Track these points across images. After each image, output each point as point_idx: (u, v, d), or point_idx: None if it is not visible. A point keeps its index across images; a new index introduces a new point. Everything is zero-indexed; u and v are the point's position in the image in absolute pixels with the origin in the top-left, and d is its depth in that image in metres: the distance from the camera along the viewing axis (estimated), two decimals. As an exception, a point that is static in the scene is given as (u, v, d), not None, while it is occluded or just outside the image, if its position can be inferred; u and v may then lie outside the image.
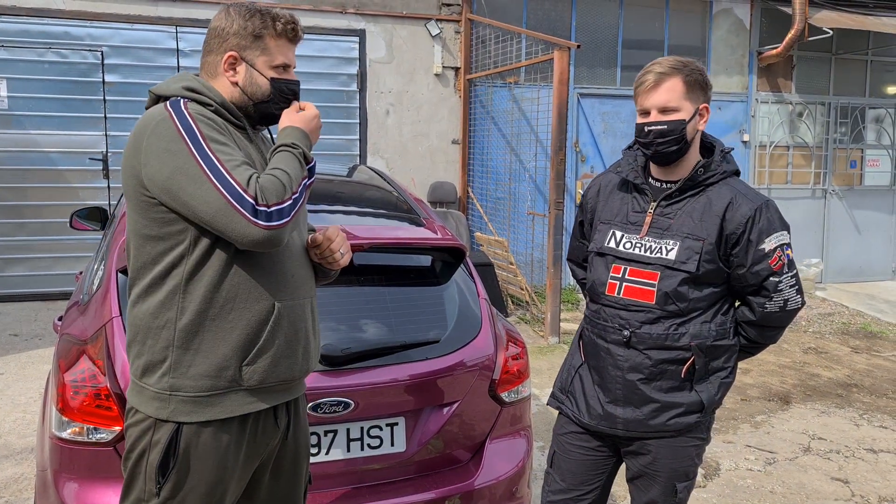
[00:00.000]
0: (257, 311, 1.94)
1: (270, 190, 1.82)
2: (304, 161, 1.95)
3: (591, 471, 2.50)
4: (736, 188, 2.33)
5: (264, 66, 2.02)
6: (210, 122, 1.90)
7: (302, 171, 1.93)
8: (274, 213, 1.81)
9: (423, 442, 2.71)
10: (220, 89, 2.03)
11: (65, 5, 7.45)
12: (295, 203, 1.87)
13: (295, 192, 1.88)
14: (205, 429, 1.92)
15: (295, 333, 2.02)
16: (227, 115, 2.01)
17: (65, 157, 7.69)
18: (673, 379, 2.33)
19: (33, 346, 6.27)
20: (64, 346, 2.69)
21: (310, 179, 1.98)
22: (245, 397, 1.96)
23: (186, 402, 1.91)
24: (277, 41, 2.02)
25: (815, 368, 6.58)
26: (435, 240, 3.04)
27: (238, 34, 1.99)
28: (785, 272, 2.30)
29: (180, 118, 1.86)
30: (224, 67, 2.01)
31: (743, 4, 9.77)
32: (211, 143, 1.83)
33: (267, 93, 2.03)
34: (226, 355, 1.92)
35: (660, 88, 2.26)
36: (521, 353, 3.00)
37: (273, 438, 2.08)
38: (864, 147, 10.62)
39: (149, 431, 1.92)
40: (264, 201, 1.80)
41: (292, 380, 2.05)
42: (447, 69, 8.73)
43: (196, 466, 1.92)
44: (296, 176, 1.90)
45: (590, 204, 2.57)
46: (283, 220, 1.83)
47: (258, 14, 2.00)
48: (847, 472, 4.40)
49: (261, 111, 2.05)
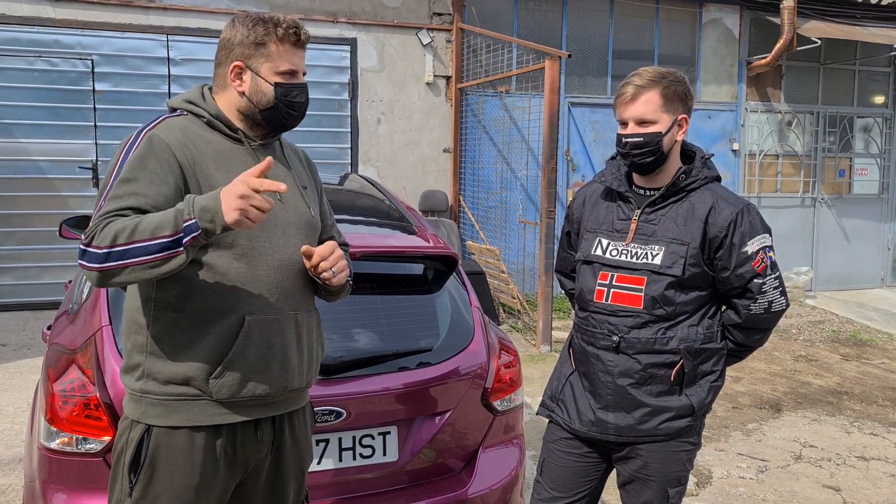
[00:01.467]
0: (227, 324, 1.92)
1: (107, 232, 1.76)
2: (177, 224, 1.73)
3: (580, 477, 2.49)
4: (717, 193, 2.37)
5: (269, 73, 2.01)
6: (148, 159, 1.87)
7: (166, 230, 1.73)
8: (92, 253, 1.76)
9: (416, 451, 2.70)
10: (228, 100, 2.03)
11: (55, 14, 7.43)
12: (107, 257, 1.73)
13: (123, 243, 1.73)
14: (175, 432, 1.92)
15: (269, 348, 1.98)
16: (220, 127, 2.01)
17: (54, 165, 7.66)
18: (663, 383, 2.35)
19: (21, 355, 6.22)
20: (53, 356, 2.67)
21: (170, 251, 1.73)
22: (215, 408, 1.94)
23: (155, 405, 1.92)
24: (281, 46, 2.00)
25: (806, 376, 6.59)
26: (427, 248, 3.03)
27: (242, 43, 2.00)
28: (768, 274, 2.34)
29: (132, 143, 1.91)
30: (231, 78, 2.02)
31: (732, 14, 9.84)
32: (119, 180, 1.85)
33: (271, 99, 2.01)
34: (193, 365, 1.90)
35: (637, 101, 2.30)
36: (513, 362, 3.00)
37: (257, 452, 2.04)
38: (853, 156, 10.70)
39: (126, 431, 1.95)
40: (89, 239, 1.77)
41: (266, 396, 1.99)
42: (438, 78, 8.75)
43: (166, 468, 1.91)
44: (145, 230, 1.73)
45: (576, 214, 2.60)
46: (93, 263, 1.76)
47: (261, 22, 2.00)
48: (838, 480, 4.41)
49: (267, 118, 2.04)
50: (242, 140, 2.03)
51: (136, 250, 1.74)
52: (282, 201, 2.03)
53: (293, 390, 2.06)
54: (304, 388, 2.13)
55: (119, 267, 1.75)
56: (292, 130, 2.17)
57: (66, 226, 4.47)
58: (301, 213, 2.09)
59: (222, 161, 1.98)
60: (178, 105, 2.05)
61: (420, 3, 8.60)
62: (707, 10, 9.71)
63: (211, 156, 1.96)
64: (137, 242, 1.73)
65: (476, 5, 8.74)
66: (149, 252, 1.74)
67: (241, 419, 1.97)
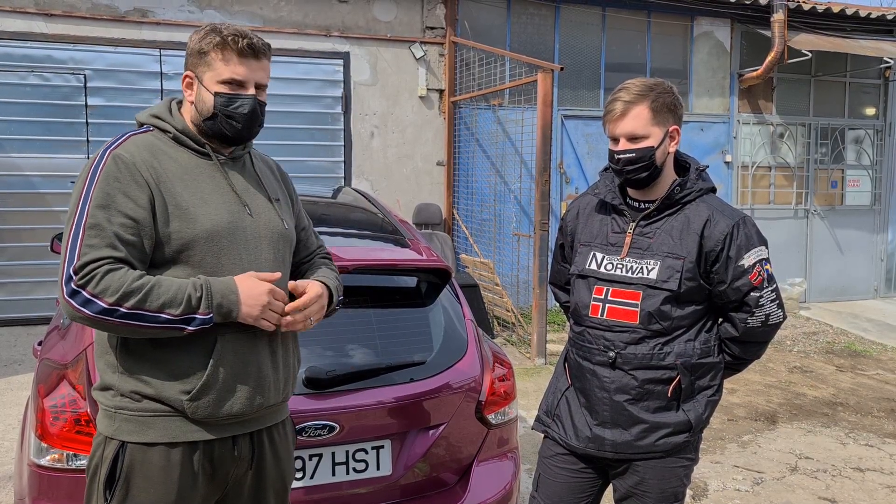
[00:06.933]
0: (199, 346, 1.89)
1: (108, 284, 1.75)
2: (190, 308, 1.81)
3: (576, 493, 2.47)
4: (713, 205, 2.35)
5: (210, 82, 1.96)
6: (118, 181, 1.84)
7: (175, 309, 1.79)
8: (88, 299, 1.75)
9: (410, 465, 2.68)
10: (188, 113, 2.01)
11: (48, 29, 7.43)
12: (112, 313, 1.75)
13: (128, 307, 1.75)
14: (151, 449, 1.89)
15: (244, 367, 1.95)
16: (187, 142, 1.98)
17: (46, 180, 7.63)
18: (660, 399, 2.32)
19: (12, 371, 6.17)
20: (44, 371, 2.65)
21: (174, 323, 1.80)
22: (190, 425, 1.91)
23: (130, 420, 1.89)
24: (223, 55, 1.95)
25: (801, 388, 6.59)
26: (420, 261, 3.02)
27: (192, 53, 1.99)
28: (765, 287, 2.32)
29: (97, 164, 1.87)
30: (184, 87, 2.01)
31: (723, 28, 9.90)
32: (94, 206, 1.81)
33: (210, 108, 1.96)
34: (167, 385, 1.88)
35: (626, 117, 2.27)
36: (507, 375, 2.99)
37: (235, 468, 2.01)
38: (845, 167, 10.75)
39: (100, 447, 1.93)
40: (91, 288, 1.75)
41: (241, 414, 1.96)
42: (432, 91, 8.77)
43: (141, 485, 1.89)
44: (154, 301, 1.77)
45: (569, 227, 2.57)
46: (86, 309, 1.75)
47: (211, 32, 1.96)
48: (834, 492, 4.40)
49: (210, 128, 1.98)
50: (210, 154, 2.00)
51: (141, 317, 1.78)
52: (251, 215, 2.01)
53: (269, 406, 2.03)
54: (282, 402, 2.10)
55: (116, 325, 1.78)
56: (286, 144, 2.17)
57: (58, 241, 4.45)
58: (273, 227, 2.06)
59: (189, 177, 1.94)
60: (145, 120, 2.02)
61: (413, 16, 8.63)
62: (698, 24, 9.78)
63: (176, 173, 1.93)
64: (144, 311, 1.77)
65: (469, 19, 8.78)
66: (152, 322, 1.79)
67: (212, 437, 1.94)
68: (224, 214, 1.94)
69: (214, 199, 1.95)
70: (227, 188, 1.99)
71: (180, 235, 1.88)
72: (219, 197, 1.96)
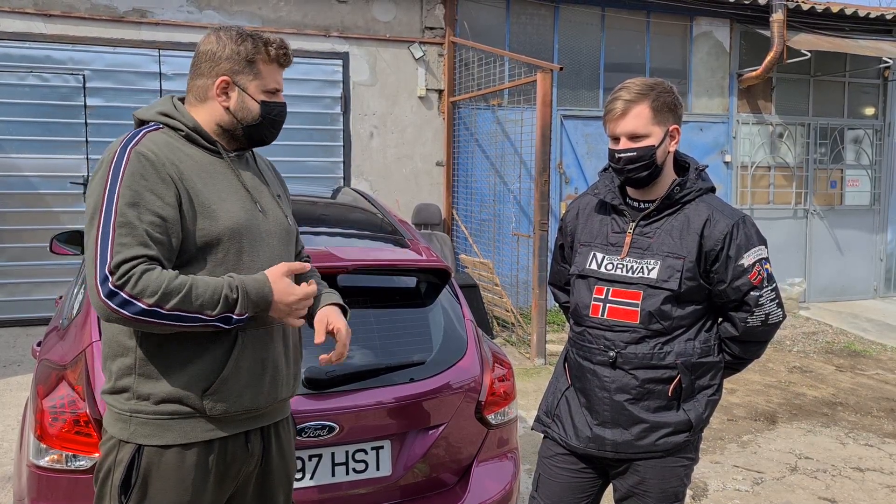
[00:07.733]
0: (219, 342, 1.91)
1: (147, 284, 1.74)
2: (227, 308, 1.83)
3: (576, 493, 2.47)
4: (712, 205, 2.35)
5: (256, 91, 2.00)
6: (144, 179, 1.83)
7: (212, 310, 1.81)
8: (126, 301, 1.73)
9: (410, 465, 2.68)
10: (207, 113, 2.00)
11: (47, 29, 7.43)
12: (152, 314, 1.75)
13: (168, 308, 1.76)
14: (167, 451, 1.89)
15: (261, 363, 1.98)
16: (199, 140, 1.98)
17: (45, 181, 7.63)
18: (660, 398, 2.32)
19: (11, 372, 6.17)
20: (43, 372, 2.64)
21: (210, 322, 1.82)
22: (206, 424, 1.93)
23: (146, 424, 1.89)
24: (269, 66, 2.01)
25: (801, 387, 6.59)
26: (420, 261, 3.02)
27: (231, 59, 1.97)
28: (765, 286, 2.32)
29: (118, 161, 1.85)
30: (216, 92, 1.98)
31: (722, 28, 9.90)
32: (124, 204, 1.79)
33: (256, 116, 2.01)
34: (185, 384, 1.88)
35: (627, 116, 2.27)
36: (507, 375, 2.98)
37: (246, 464, 2.03)
38: (844, 167, 10.75)
39: (114, 451, 1.92)
40: (130, 289, 1.73)
41: (256, 409, 1.99)
42: (431, 92, 8.77)
43: (158, 486, 1.89)
44: (192, 302, 1.78)
45: (569, 227, 2.57)
46: (124, 310, 1.74)
47: (249, 38, 1.98)
48: (834, 492, 4.40)
49: (249, 134, 2.03)
50: (221, 153, 2.02)
51: (178, 317, 1.79)
52: (262, 212, 2.04)
53: (281, 400, 2.08)
54: (291, 396, 2.15)
55: (153, 324, 1.78)
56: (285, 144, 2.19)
57: (57, 241, 4.45)
58: (280, 223, 2.10)
59: (206, 175, 1.95)
60: (152, 118, 1.99)
61: (412, 17, 8.63)
62: (698, 24, 9.78)
63: (195, 170, 1.93)
64: (182, 311, 1.78)
65: (468, 19, 8.78)
66: (188, 321, 1.80)
67: (227, 434, 1.96)
68: (241, 212, 1.97)
69: (231, 197, 1.97)
70: (240, 186, 2.02)
71: (205, 233, 1.89)
72: (234, 195, 1.98)
